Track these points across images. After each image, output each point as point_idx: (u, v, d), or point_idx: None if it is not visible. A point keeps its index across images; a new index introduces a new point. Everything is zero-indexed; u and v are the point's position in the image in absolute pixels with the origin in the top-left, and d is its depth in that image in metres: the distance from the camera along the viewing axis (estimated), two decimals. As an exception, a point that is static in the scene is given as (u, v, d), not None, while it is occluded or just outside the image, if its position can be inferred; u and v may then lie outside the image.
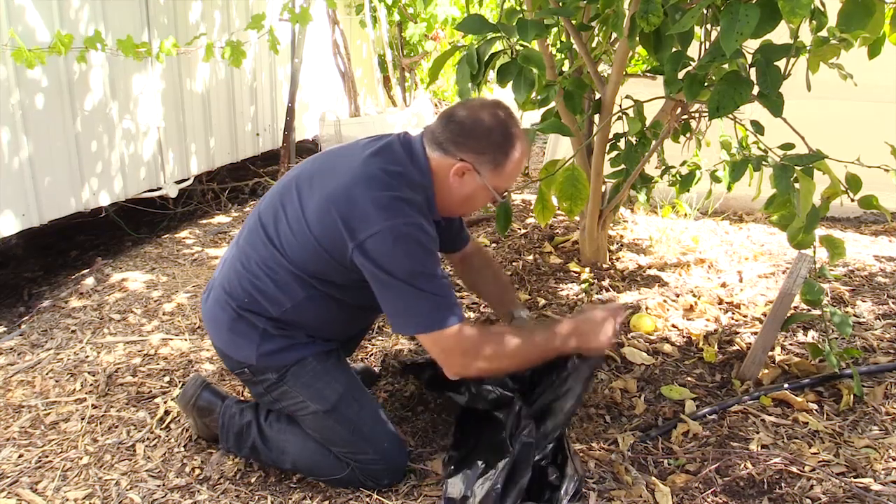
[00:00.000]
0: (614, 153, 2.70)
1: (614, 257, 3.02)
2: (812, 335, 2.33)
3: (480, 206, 1.77)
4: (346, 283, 1.63)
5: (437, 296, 1.51)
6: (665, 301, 2.59)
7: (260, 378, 1.72)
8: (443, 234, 1.78)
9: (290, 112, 4.43)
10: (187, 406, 1.92)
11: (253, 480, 1.81)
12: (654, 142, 2.54)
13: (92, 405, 2.17)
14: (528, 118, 5.03)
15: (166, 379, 2.31)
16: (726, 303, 2.58)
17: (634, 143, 2.57)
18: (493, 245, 3.33)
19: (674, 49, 1.93)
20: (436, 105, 7.56)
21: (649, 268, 2.92)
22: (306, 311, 1.66)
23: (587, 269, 2.86)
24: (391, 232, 1.47)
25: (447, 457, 1.76)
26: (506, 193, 1.75)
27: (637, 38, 2.03)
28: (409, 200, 1.52)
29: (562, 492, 1.58)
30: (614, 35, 2.51)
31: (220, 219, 4.17)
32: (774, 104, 1.79)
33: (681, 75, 1.92)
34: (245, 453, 1.82)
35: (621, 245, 3.17)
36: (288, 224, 1.62)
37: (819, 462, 1.68)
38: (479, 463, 1.61)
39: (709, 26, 2.14)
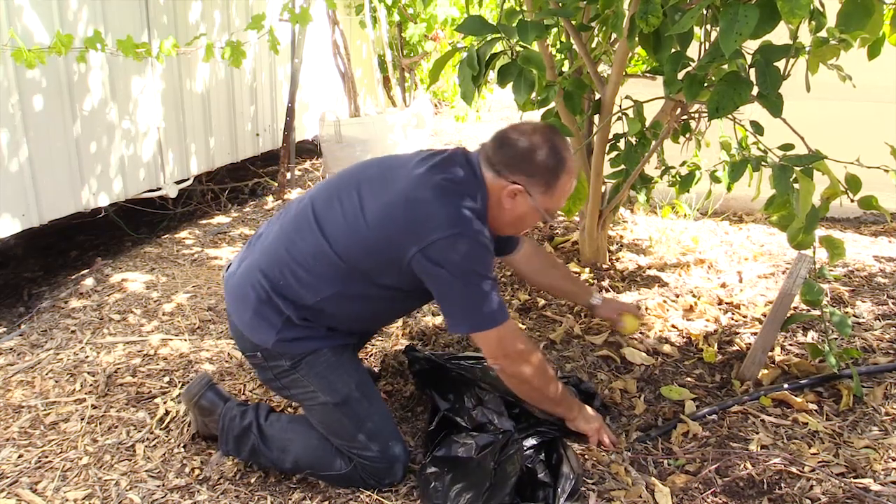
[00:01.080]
0: (614, 153, 2.70)
1: (614, 257, 3.02)
2: (812, 335, 2.33)
3: (530, 227, 1.85)
4: (384, 283, 1.67)
5: (491, 298, 1.59)
6: (665, 301, 2.59)
7: (272, 364, 1.73)
8: (497, 240, 1.90)
9: (290, 112, 4.43)
10: (190, 403, 1.94)
11: (253, 481, 1.81)
12: (653, 142, 2.54)
13: (92, 405, 2.17)
14: (528, 118, 5.02)
15: (166, 379, 2.31)
16: (726, 303, 2.58)
17: (634, 143, 2.57)
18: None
19: (673, 49, 1.93)
20: (435, 105, 7.55)
21: (649, 268, 2.92)
22: (338, 304, 1.69)
23: (587, 270, 2.86)
24: (459, 237, 1.55)
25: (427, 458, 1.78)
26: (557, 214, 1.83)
27: (637, 39, 2.03)
28: (474, 210, 1.60)
29: (559, 490, 1.59)
30: (614, 35, 2.51)
31: (220, 219, 4.17)
32: (774, 105, 1.79)
33: (680, 76, 1.92)
34: (244, 456, 1.83)
35: (621, 245, 3.17)
36: (343, 215, 1.66)
37: (819, 462, 1.69)
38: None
39: (708, 27, 2.14)
